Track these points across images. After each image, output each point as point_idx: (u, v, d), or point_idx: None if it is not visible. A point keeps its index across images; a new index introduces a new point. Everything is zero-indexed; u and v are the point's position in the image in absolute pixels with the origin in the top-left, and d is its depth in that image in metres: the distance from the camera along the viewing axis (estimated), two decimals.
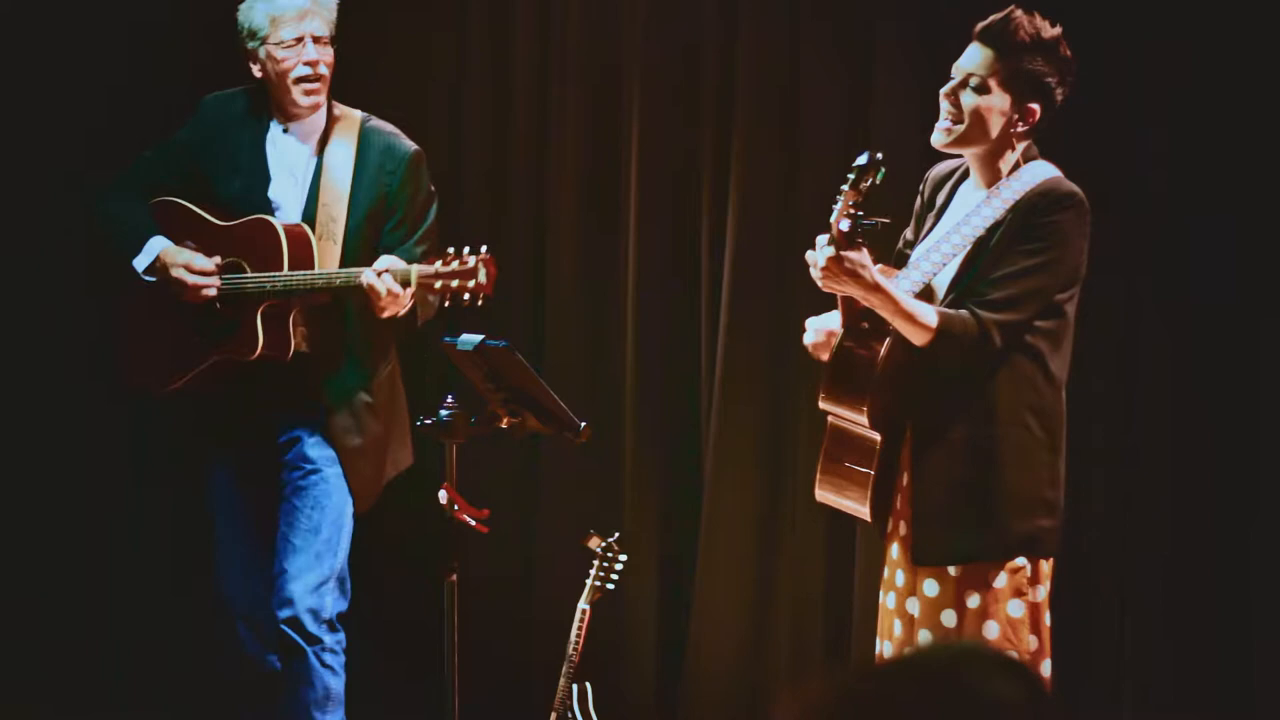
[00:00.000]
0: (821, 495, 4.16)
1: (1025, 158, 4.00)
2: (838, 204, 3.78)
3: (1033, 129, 3.99)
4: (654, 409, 5.78)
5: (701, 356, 5.72)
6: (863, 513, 4.08)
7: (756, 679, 5.68)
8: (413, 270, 4.58)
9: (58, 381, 5.71)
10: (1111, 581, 5.38)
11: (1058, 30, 3.97)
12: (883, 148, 3.83)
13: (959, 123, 3.96)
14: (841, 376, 4.01)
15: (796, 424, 5.52)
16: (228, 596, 4.90)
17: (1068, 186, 3.97)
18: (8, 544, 5.66)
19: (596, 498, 5.80)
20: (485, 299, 4.58)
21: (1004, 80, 3.93)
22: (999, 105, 3.94)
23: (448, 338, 4.35)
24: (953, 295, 3.95)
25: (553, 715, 5.12)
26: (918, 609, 4.03)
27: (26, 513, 5.69)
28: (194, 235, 4.79)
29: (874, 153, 3.75)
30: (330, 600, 4.80)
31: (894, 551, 4.09)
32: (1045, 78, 3.95)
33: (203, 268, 4.71)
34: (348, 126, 4.83)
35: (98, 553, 5.76)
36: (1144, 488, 5.35)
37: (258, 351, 4.69)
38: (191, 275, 4.70)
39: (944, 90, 3.98)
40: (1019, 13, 3.97)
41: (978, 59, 3.95)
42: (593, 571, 5.14)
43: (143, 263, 4.77)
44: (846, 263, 3.79)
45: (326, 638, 4.79)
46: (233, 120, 4.85)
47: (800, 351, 4.21)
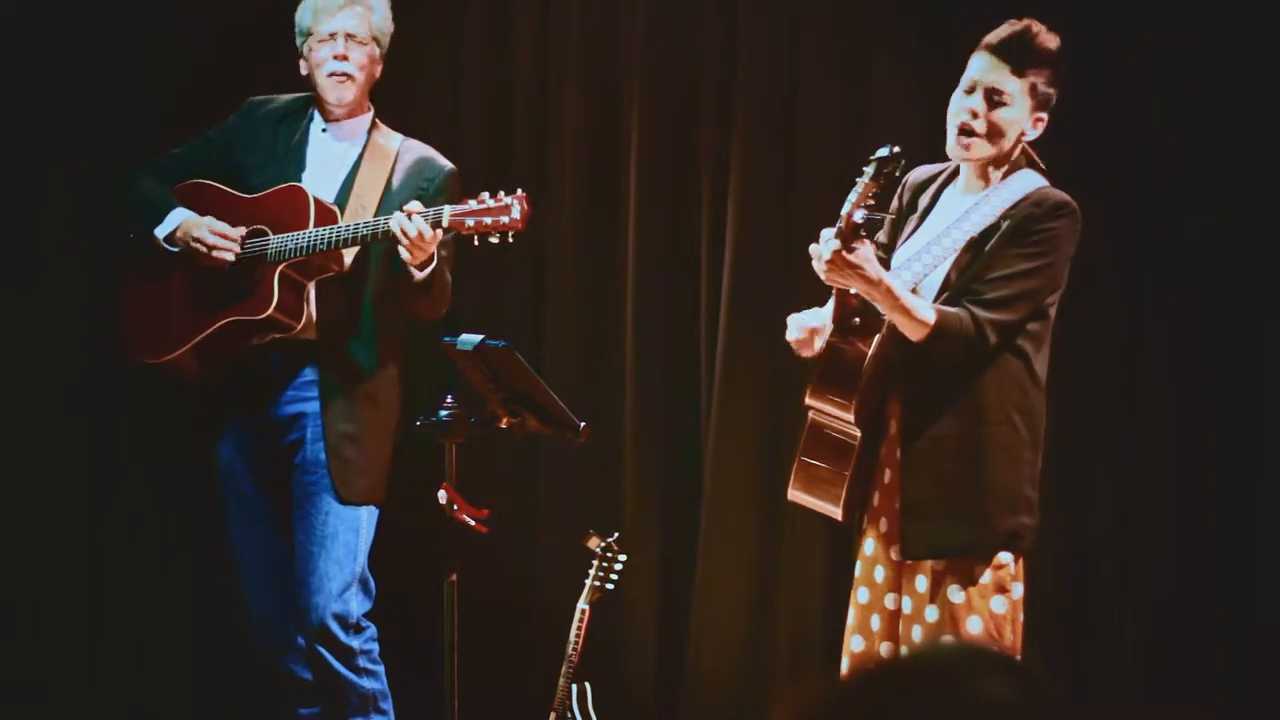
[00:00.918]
0: (794, 495, 4.20)
1: (1014, 166, 4.07)
2: (853, 195, 3.79)
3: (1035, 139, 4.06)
4: (653, 409, 5.78)
5: (701, 356, 5.72)
6: (834, 512, 4.13)
7: (756, 679, 5.68)
8: (445, 210, 4.56)
9: (57, 381, 5.71)
10: (1113, 581, 5.38)
11: (1059, 42, 4.03)
12: (888, 142, 3.84)
13: (978, 135, 4.00)
14: (830, 373, 4.05)
15: (796, 423, 5.51)
16: (248, 592, 4.88)
17: (1062, 195, 4.04)
18: (8, 544, 5.66)
19: (596, 498, 5.81)
20: (515, 235, 4.56)
21: (1023, 94, 3.99)
22: (1017, 117, 4.00)
23: (447, 337, 4.34)
24: (945, 296, 3.99)
25: (552, 715, 5.12)
26: (909, 605, 4.06)
27: (26, 513, 5.69)
28: (219, 209, 4.78)
29: (894, 145, 3.79)
30: (355, 603, 4.78)
31: (869, 547, 4.13)
32: (1052, 88, 4.02)
33: (224, 230, 4.71)
34: (389, 143, 4.87)
35: (98, 553, 5.76)
36: (1145, 487, 5.35)
37: (270, 309, 4.63)
38: (212, 235, 4.69)
39: (968, 104, 4.00)
40: (1038, 27, 4.01)
41: (995, 73, 3.99)
42: (592, 571, 5.14)
43: (164, 230, 4.76)
44: (853, 256, 3.81)
45: (355, 642, 4.77)
46: (274, 118, 4.89)
47: None
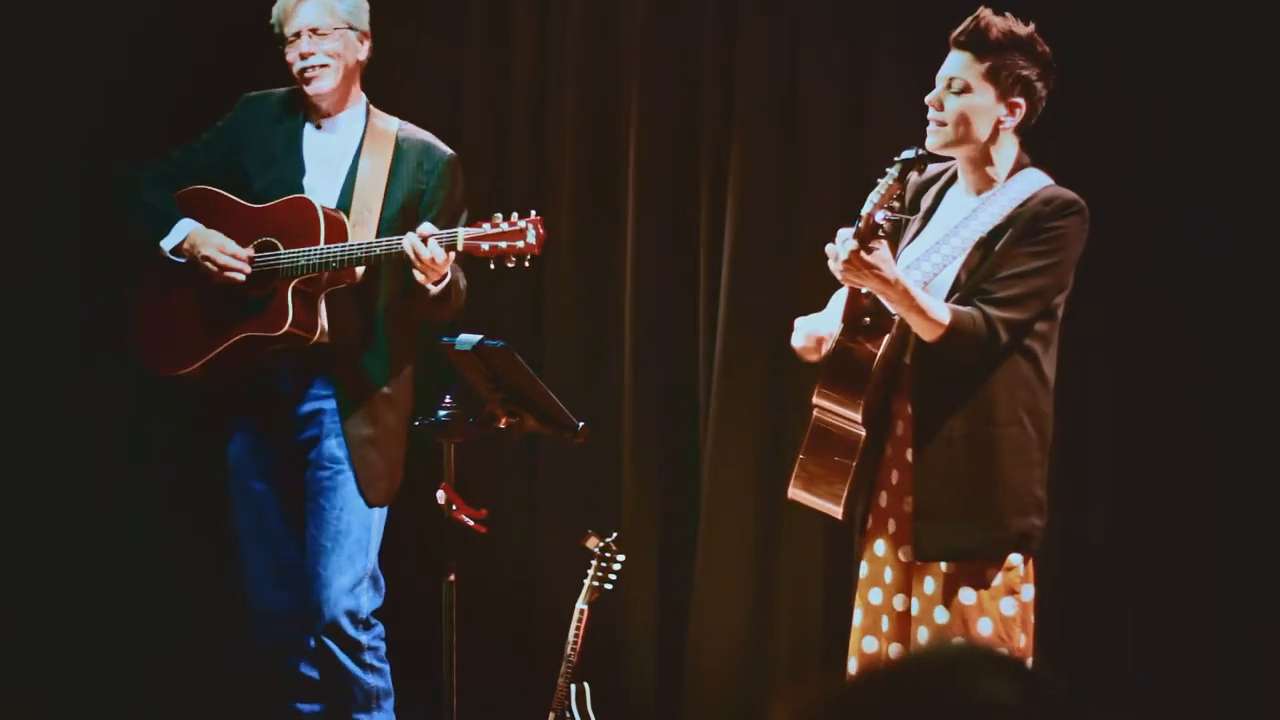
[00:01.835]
0: (794, 493, 4.20)
1: (1018, 165, 4.06)
2: (875, 195, 3.80)
3: (1021, 126, 4.05)
4: (652, 409, 5.78)
5: (700, 356, 5.72)
6: (834, 511, 4.12)
7: (755, 679, 5.67)
8: (459, 233, 4.57)
9: (57, 381, 5.70)
10: (1113, 581, 5.38)
11: (1031, 27, 4.04)
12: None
13: (944, 125, 4.02)
14: (839, 372, 4.04)
15: (795, 423, 5.51)
16: (252, 591, 4.88)
17: (1070, 194, 4.04)
18: (7, 544, 5.65)
19: (595, 498, 5.80)
20: (533, 258, 4.58)
21: (985, 79, 4.00)
22: (984, 104, 4.01)
23: (446, 338, 4.34)
24: (955, 297, 3.99)
25: (551, 715, 5.12)
26: (917, 607, 4.06)
27: (26, 513, 5.68)
28: (225, 219, 4.78)
29: (920, 147, 3.84)
30: (366, 599, 4.79)
31: (880, 548, 4.12)
32: (1023, 72, 4.01)
33: (235, 250, 4.70)
34: (384, 131, 4.86)
35: (98, 553, 5.75)
36: (1145, 488, 5.35)
37: (285, 326, 4.65)
38: (223, 256, 4.69)
39: (928, 98, 4.05)
40: (986, 12, 4.04)
41: (957, 63, 4.04)
42: (591, 571, 5.14)
43: (170, 242, 4.75)
44: (871, 256, 3.81)
45: (364, 638, 4.78)
46: (269, 117, 4.89)
47: None
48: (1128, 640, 5.36)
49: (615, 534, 5.19)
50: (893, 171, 3.79)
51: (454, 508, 4.29)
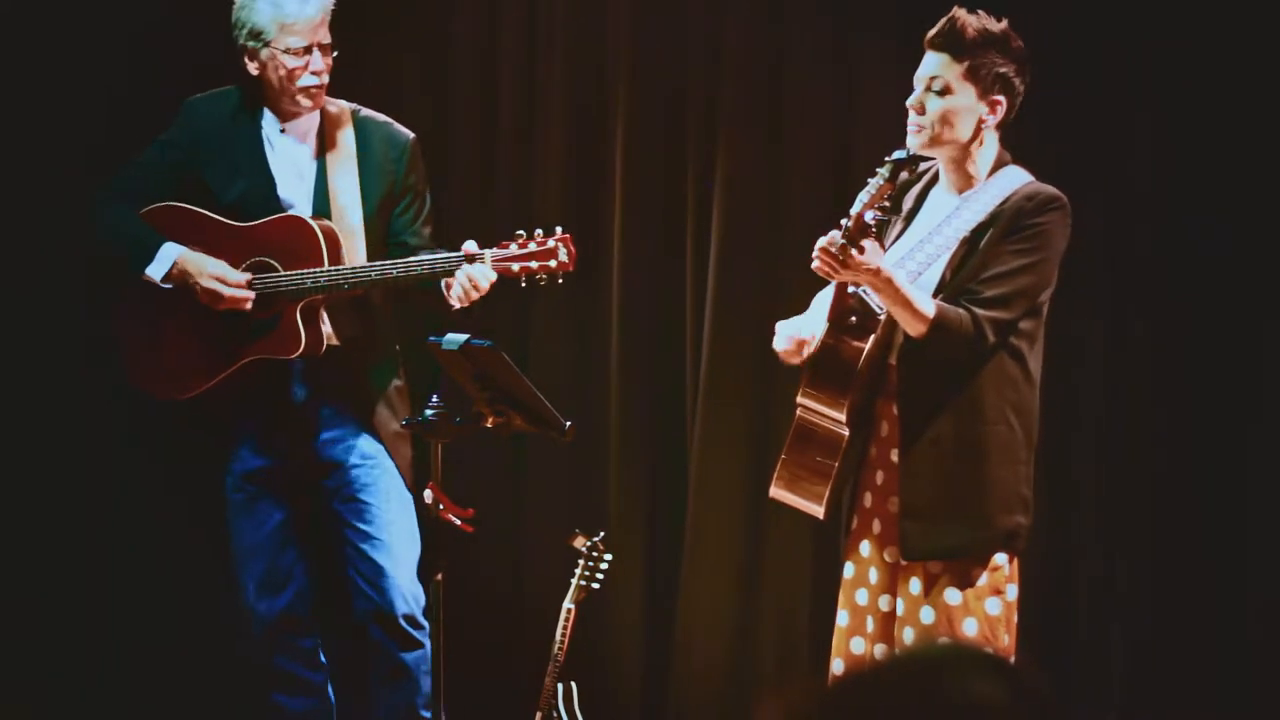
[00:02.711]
0: (775, 492, 4.20)
1: (999, 162, 4.07)
2: (865, 195, 3.81)
3: (1002, 123, 4.05)
4: (639, 408, 5.78)
5: (687, 356, 5.72)
6: (816, 511, 4.13)
7: (743, 678, 5.68)
8: (486, 255, 4.56)
9: (56, 380, 5.69)
10: (1097, 581, 5.39)
11: (1004, 24, 4.05)
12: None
13: (926, 127, 4.02)
14: (824, 371, 4.05)
15: (781, 423, 5.50)
16: (246, 594, 4.83)
17: (1053, 190, 4.05)
18: (8, 544, 5.64)
19: (582, 497, 5.80)
20: (565, 275, 4.60)
21: (964, 79, 4.01)
22: (964, 104, 4.02)
23: (433, 337, 4.34)
24: (940, 296, 3.99)
25: (538, 715, 5.12)
26: (902, 607, 4.06)
27: (26, 512, 5.66)
28: (209, 240, 4.70)
29: (908, 151, 3.87)
30: (420, 590, 4.79)
31: (864, 549, 4.13)
32: (1001, 69, 4.02)
33: (237, 279, 4.63)
34: (341, 120, 4.80)
35: (97, 553, 5.73)
36: (1130, 486, 5.36)
37: (300, 349, 4.62)
38: (227, 289, 4.61)
39: (910, 101, 4.06)
40: (961, 12, 4.05)
41: (935, 64, 4.04)
42: (578, 571, 5.14)
43: (159, 270, 4.66)
44: (863, 254, 3.81)
45: (423, 633, 4.77)
46: (222, 121, 4.78)
47: None
48: (1113, 640, 5.36)
49: (602, 533, 5.19)
50: (883, 171, 3.80)
51: (441, 507, 4.28)
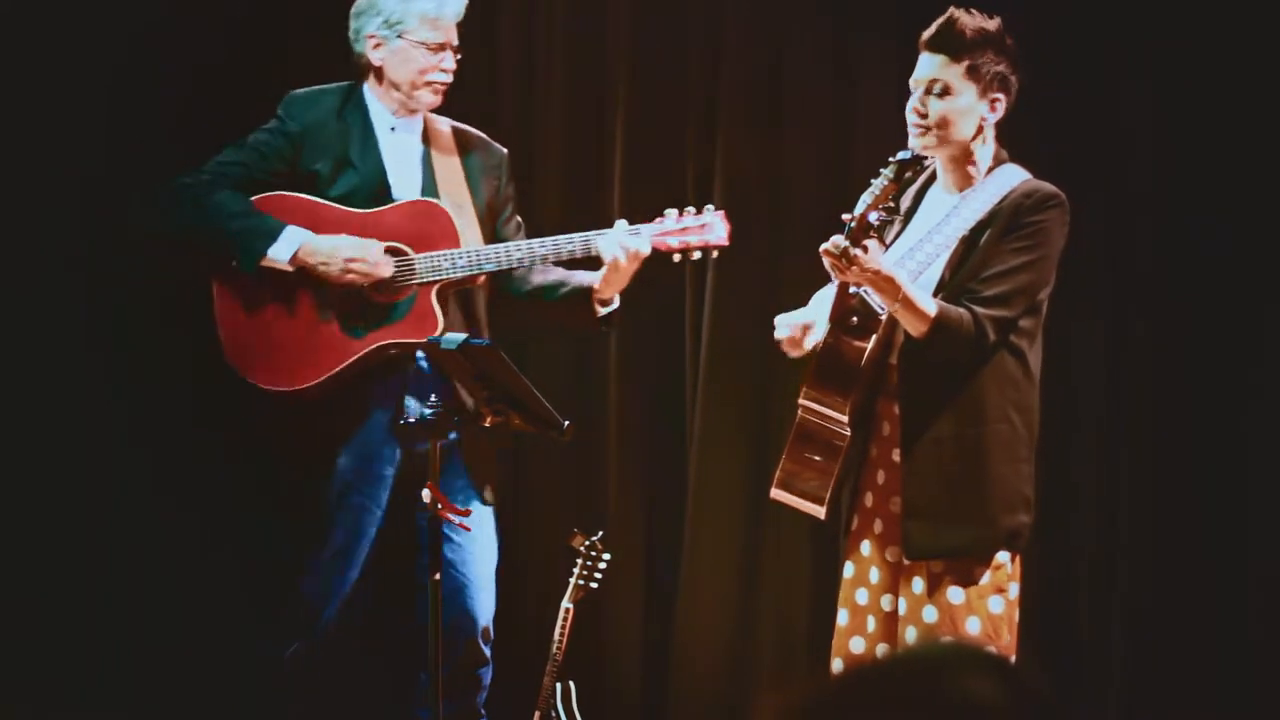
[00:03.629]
0: (776, 493, 4.20)
1: (997, 160, 4.07)
2: (869, 196, 3.81)
3: (1001, 120, 4.06)
4: (638, 407, 5.78)
5: (686, 356, 5.71)
6: (817, 511, 4.14)
7: (741, 678, 5.68)
8: (644, 230, 4.55)
9: (57, 380, 5.68)
10: (1098, 580, 5.39)
11: (997, 21, 4.05)
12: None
13: (930, 128, 4.02)
14: (826, 371, 4.05)
15: (781, 422, 5.51)
16: (317, 602, 4.74)
17: (1050, 187, 4.05)
18: (7, 544, 5.64)
19: (580, 496, 5.80)
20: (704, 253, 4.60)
21: (965, 78, 4.01)
22: (966, 104, 4.02)
23: (431, 337, 4.33)
24: (941, 295, 3.99)
25: (536, 714, 5.11)
26: (904, 606, 4.06)
27: (26, 512, 5.66)
28: (325, 226, 4.63)
29: (914, 151, 3.87)
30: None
31: (865, 549, 4.13)
32: (998, 67, 4.03)
33: (376, 252, 4.59)
34: (442, 125, 4.80)
35: (97, 552, 5.73)
36: (1130, 484, 5.36)
37: (438, 330, 4.56)
38: (370, 260, 4.56)
39: (911, 104, 4.05)
40: (958, 12, 4.05)
41: (933, 66, 4.04)
42: (576, 570, 5.13)
43: (285, 252, 4.58)
44: (860, 258, 3.82)
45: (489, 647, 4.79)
46: (330, 115, 4.73)
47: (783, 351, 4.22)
48: (1113, 639, 5.36)
49: (601, 533, 5.19)
50: (887, 172, 3.80)
51: (439, 506, 4.28)
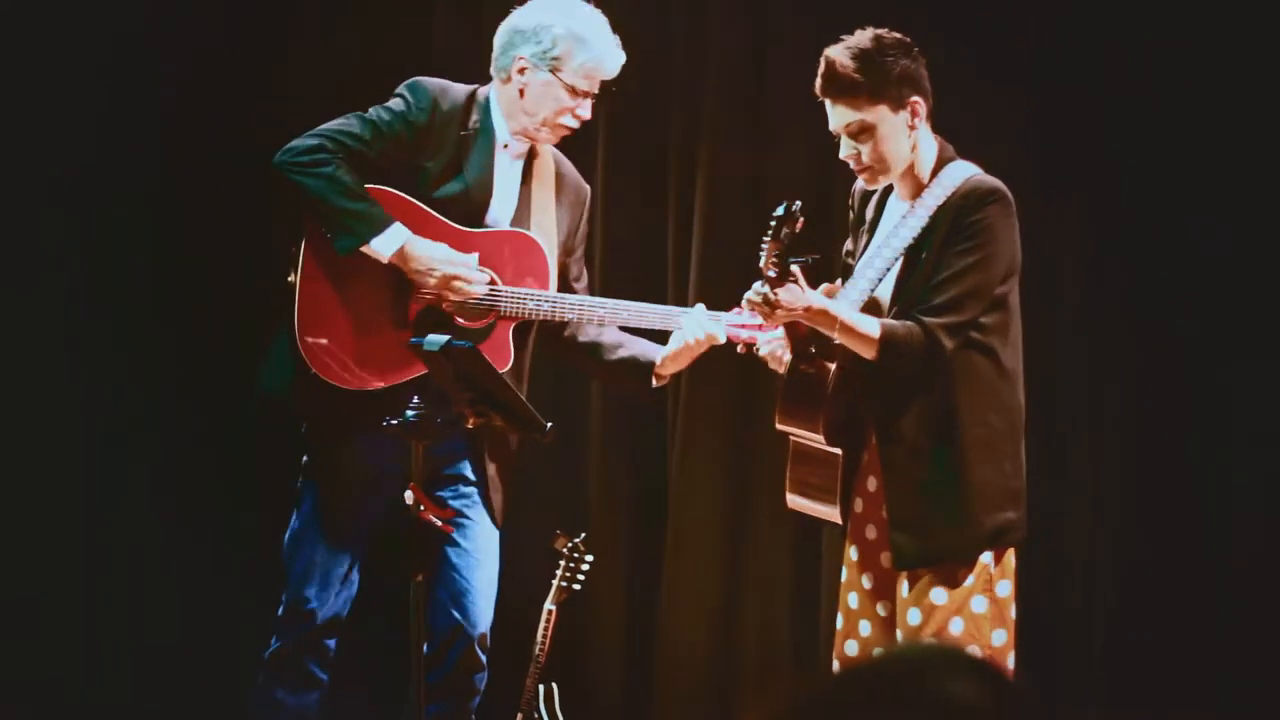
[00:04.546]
0: (792, 502, 4.23)
1: (942, 160, 4.05)
2: (762, 253, 3.84)
3: (927, 119, 4.03)
4: (620, 409, 5.78)
5: None
6: (834, 516, 4.14)
7: (725, 679, 5.68)
8: (724, 317, 4.54)
9: (57, 380, 5.68)
10: (1096, 580, 5.39)
11: (867, 34, 4.02)
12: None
13: (872, 170, 4.03)
14: (795, 398, 4.09)
15: (763, 423, 5.52)
16: (311, 593, 4.70)
17: (990, 182, 4.02)
18: (8, 544, 5.64)
19: (563, 498, 5.80)
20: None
21: (870, 105, 3.98)
22: (888, 128, 4.00)
23: (414, 339, 4.33)
24: (896, 307, 4.00)
25: (519, 716, 5.11)
26: (889, 610, 4.08)
27: (26, 512, 5.66)
28: (421, 232, 4.58)
29: (791, 203, 3.82)
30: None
31: (853, 554, 4.14)
32: (896, 71, 3.99)
33: (477, 270, 4.57)
34: (545, 153, 4.73)
35: (97, 552, 5.73)
36: (1132, 487, 5.36)
37: (507, 365, 4.57)
38: (467, 274, 4.53)
39: (843, 155, 4.04)
40: (826, 53, 4.02)
41: (837, 113, 4.02)
42: (559, 572, 5.14)
43: (388, 247, 4.53)
44: (782, 302, 3.86)
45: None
46: (454, 121, 4.64)
47: None
48: (1110, 640, 5.36)
49: (583, 534, 5.19)
50: (771, 227, 3.81)
51: (422, 508, 4.28)
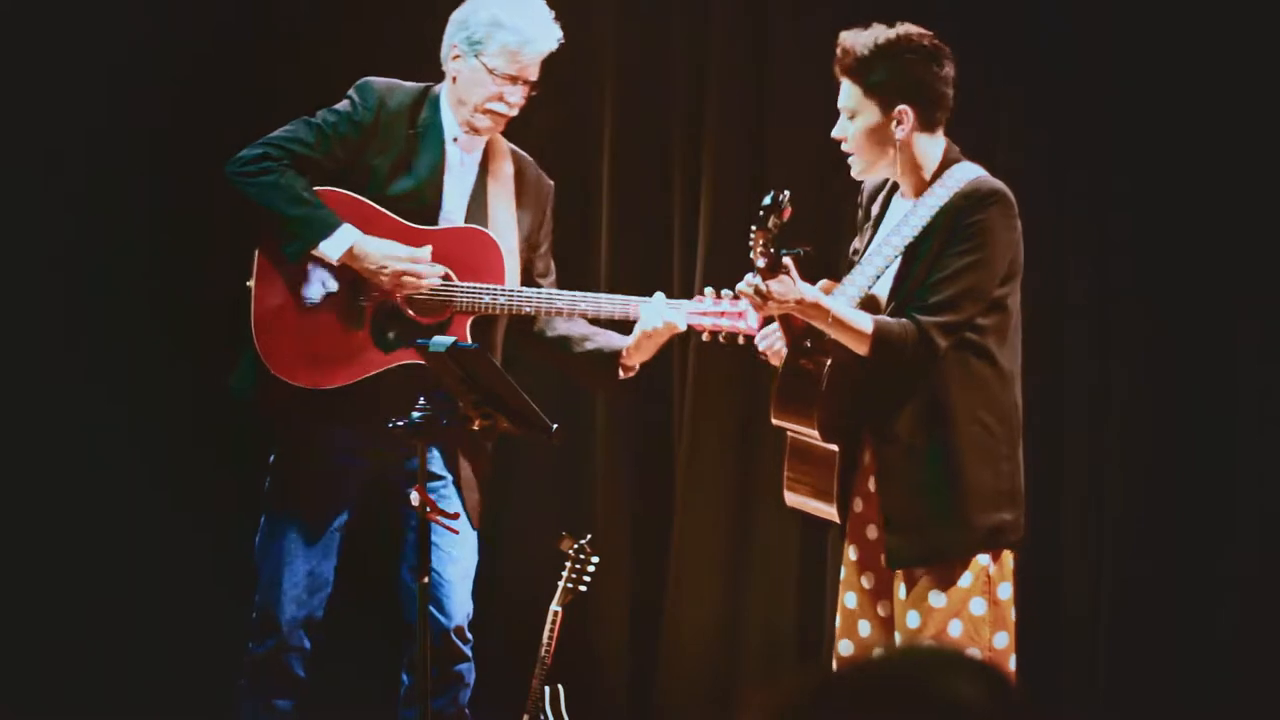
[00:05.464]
0: (790, 500, 4.22)
1: (947, 161, 4.05)
2: (750, 243, 3.85)
3: (926, 125, 4.02)
4: (626, 410, 5.78)
5: (674, 358, 5.72)
6: (831, 514, 4.14)
7: (729, 680, 5.69)
8: (684, 306, 4.54)
9: (57, 380, 5.69)
10: (1095, 581, 5.39)
11: (897, 31, 4.01)
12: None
13: (850, 152, 4.06)
14: (789, 394, 4.08)
15: (767, 423, 5.52)
16: (277, 597, 4.69)
17: (991, 184, 4.02)
18: (8, 543, 5.64)
19: (568, 500, 5.80)
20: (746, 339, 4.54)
21: (866, 98, 4.01)
22: (870, 122, 4.02)
23: (420, 340, 4.34)
24: (893, 304, 4.01)
25: (525, 717, 5.12)
26: (889, 611, 4.07)
27: (26, 511, 5.67)
28: (377, 233, 4.56)
29: (778, 193, 3.83)
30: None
31: (852, 554, 4.14)
32: (904, 76, 4.00)
33: (429, 263, 4.54)
34: (501, 147, 4.71)
35: (98, 552, 5.74)
36: (1131, 487, 5.36)
37: None
38: (420, 269, 4.51)
39: (834, 133, 4.07)
40: (847, 35, 4.04)
41: (843, 91, 4.05)
42: (565, 573, 5.14)
43: (337, 249, 4.51)
44: (775, 290, 3.86)
45: (468, 646, 4.76)
46: (400, 114, 4.62)
47: None
48: (1108, 640, 5.37)
49: (589, 536, 5.20)
50: (759, 217, 3.83)
51: (427, 509, 4.28)
